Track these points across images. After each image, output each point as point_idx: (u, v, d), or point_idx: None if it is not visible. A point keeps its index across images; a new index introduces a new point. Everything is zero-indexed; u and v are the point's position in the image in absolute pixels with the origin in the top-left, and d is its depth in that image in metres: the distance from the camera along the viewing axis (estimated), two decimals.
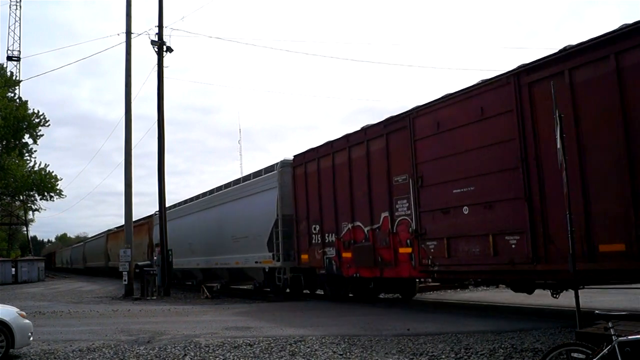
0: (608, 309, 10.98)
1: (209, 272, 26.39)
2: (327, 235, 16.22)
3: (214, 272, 25.88)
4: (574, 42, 9.54)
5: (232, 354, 8.63)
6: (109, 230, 46.67)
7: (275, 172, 19.29)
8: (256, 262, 19.93)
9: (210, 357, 8.47)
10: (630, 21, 8.81)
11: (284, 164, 18.85)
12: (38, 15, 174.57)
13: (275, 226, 18.60)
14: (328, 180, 16.14)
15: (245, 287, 26.17)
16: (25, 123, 41.80)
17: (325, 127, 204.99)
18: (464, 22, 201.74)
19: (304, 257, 17.46)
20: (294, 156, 18.18)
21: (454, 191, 11.70)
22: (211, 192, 26.21)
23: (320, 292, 18.68)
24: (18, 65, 58.04)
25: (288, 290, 19.21)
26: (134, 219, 38.22)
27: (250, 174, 21.91)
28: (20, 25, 64.77)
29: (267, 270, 19.63)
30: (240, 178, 23.08)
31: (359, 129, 15.09)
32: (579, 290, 7.73)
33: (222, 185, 25.09)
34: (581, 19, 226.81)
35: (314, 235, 16.83)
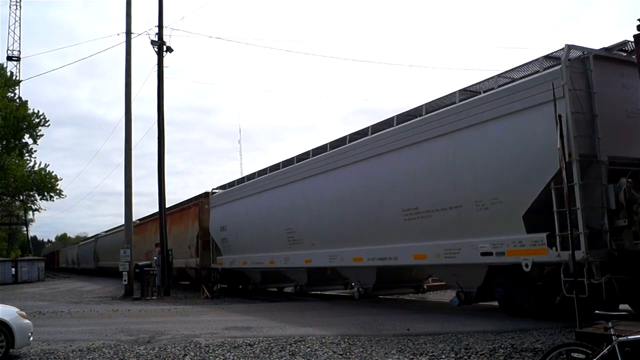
0: None
1: (323, 272, 17.95)
2: None
3: (338, 272, 17.18)
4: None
5: (232, 354, 8.63)
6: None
7: (555, 69, 9.70)
8: (484, 255, 11.03)
9: (210, 357, 8.47)
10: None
11: (577, 52, 9.79)
12: (38, 16, 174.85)
13: (556, 180, 9.34)
14: None
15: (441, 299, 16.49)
16: (25, 123, 41.80)
17: (325, 127, 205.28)
18: (463, 22, 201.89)
19: None
20: None
21: None
22: (337, 142, 15.80)
23: None
24: (18, 65, 58.14)
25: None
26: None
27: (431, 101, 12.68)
28: (20, 26, 64.61)
29: (527, 266, 10.13)
30: (416, 109, 13.16)
31: None
32: None
33: (367, 128, 14.64)
34: (578, 20, 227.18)
35: None
